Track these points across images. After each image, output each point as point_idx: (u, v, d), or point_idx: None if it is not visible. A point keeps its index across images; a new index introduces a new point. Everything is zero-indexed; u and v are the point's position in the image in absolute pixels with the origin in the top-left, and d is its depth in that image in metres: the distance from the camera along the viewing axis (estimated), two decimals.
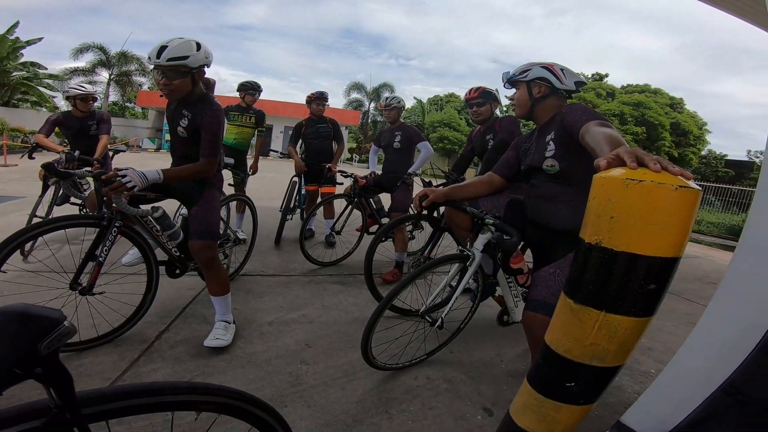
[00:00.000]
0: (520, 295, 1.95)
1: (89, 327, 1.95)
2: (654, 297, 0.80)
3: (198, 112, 1.99)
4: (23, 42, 18.53)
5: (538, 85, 1.78)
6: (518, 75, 1.83)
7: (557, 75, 1.74)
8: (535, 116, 1.84)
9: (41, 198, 3.26)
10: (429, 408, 1.77)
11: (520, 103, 1.86)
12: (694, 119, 22.10)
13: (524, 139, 1.95)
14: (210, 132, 1.98)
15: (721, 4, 3.71)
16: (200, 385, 0.72)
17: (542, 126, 1.82)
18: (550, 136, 1.71)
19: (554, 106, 1.79)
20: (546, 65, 1.77)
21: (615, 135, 1.19)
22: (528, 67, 1.81)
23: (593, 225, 0.80)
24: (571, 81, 1.75)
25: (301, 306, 2.68)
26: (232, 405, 0.74)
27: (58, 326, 0.53)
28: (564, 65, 1.80)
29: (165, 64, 1.85)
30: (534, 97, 1.81)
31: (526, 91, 1.82)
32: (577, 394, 0.95)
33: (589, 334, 0.84)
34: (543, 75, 1.75)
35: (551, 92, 1.77)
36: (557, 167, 1.67)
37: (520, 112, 1.90)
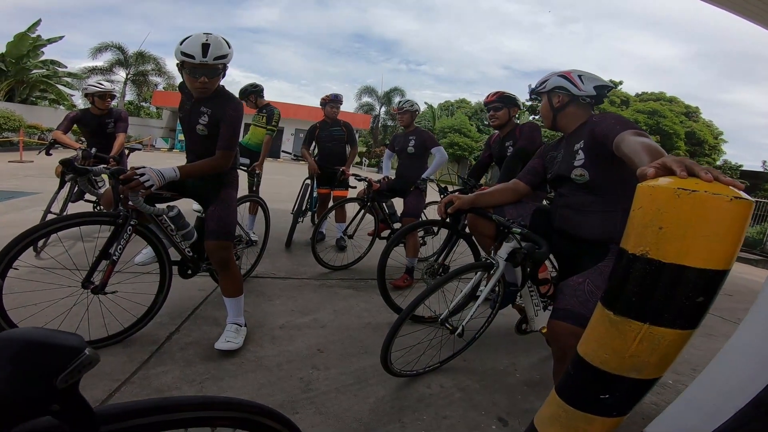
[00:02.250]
0: (541, 305, 1.90)
1: (99, 326, 1.93)
2: (701, 310, 0.75)
3: (218, 107, 1.98)
4: (44, 40, 18.82)
5: (557, 95, 1.77)
6: (538, 86, 1.84)
7: (574, 82, 1.72)
8: (560, 126, 1.82)
9: (57, 194, 3.28)
10: (443, 417, 1.72)
11: (544, 114, 1.87)
12: (709, 128, 21.82)
13: (551, 147, 1.93)
14: (230, 125, 1.97)
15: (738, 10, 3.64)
16: (217, 400, 0.68)
17: (570, 135, 1.78)
18: (579, 145, 1.68)
19: (578, 114, 1.76)
20: (563, 73, 1.76)
21: (653, 145, 1.15)
22: (546, 78, 1.81)
23: (638, 235, 0.76)
24: (590, 86, 1.71)
25: (312, 310, 2.65)
26: (249, 419, 0.70)
27: (79, 355, 0.45)
28: (584, 71, 1.78)
29: (212, 63, 1.84)
30: (555, 107, 1.79)
31: (548, 101, 1.82)
32: (612, 407, 0.91)
33: (629, 346, 0.79)
34: (560, 84, 1.74)
35: (571, 100, 1.75)
36: (586, 177, 1.64)
37: (545, 123, 1.91)
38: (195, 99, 2.03)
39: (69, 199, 3.32)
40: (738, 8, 3.55)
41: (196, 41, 1.82)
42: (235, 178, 2.21)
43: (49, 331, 0.46)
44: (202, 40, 1.82)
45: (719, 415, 1.18)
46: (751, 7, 3.44)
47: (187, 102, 2.08)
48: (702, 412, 1.28)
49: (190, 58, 1.81)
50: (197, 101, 2.02)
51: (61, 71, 20.46)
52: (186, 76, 1.91)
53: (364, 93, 27.83)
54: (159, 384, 1.69)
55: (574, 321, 1.45)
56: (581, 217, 1.67)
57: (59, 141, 3.42)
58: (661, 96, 22.87)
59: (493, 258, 1.80)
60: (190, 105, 2.05)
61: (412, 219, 3.35)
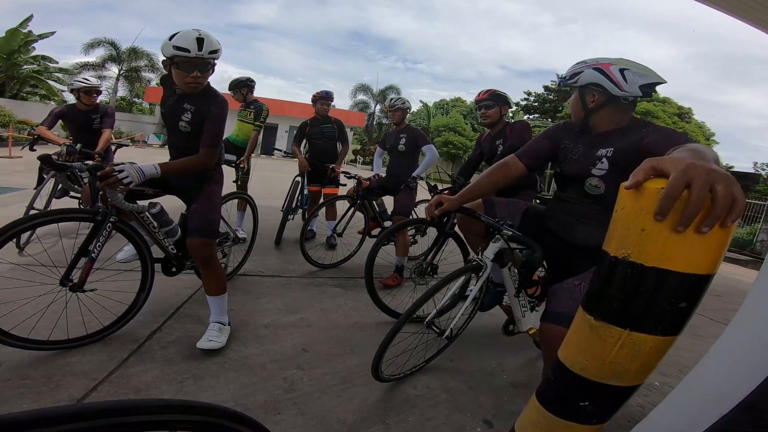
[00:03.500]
0: (528, 306, 1.88)
1: (78, 324, 1.89)
2: (683, 315, 0.73)
3: (203, 104, 1.94)
4: (36, 36, 18.65)
5: (591, 93, 1.49)
6: (568, 79, 1.54)
7: (614, 79, 1.41)
8: (592, 126, 1.56)
9: (39, 190, 3.21)
10: (427, 419, 1.70)
11: (574, 112, 1.61)
12: (701, 129, 21.99)
13: (567, 134, 1.66)
14: (214, 122, 1.93)
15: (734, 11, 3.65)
16: (175, 402, 0.65)
17: (597, 135, 1.54)
18: (606, 152, 1.45)
19: (616, 117, 1.49)
20: (600, 65, 1.44)
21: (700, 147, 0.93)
22: (579, 69, 1.50)
23: (620, 237, 0.73)
24: (635, 85, 1.40)
25: (299, 309, 2.61)
26: (212, 423, 0.67)
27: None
28: (630, 62, 1.44)
29: (207, 57, 1.83)
30: (588, 107, 1.52)
31: (578, 98, 1.54)
32: (591, 414, 0.88)
33: (609, 353, 0.77)
34: (596, 80, 1.44)
35: (609, 100, 1.46)
36: (601, 190, 1.45)
37: (574, 120, 1.65)
38: (178, 95, 1.98)
39: (53, 196, 3.26)
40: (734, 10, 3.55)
41: (189, 36, 1.79)
42: (219, 174, 2.17)
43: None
44: (196, 35, 1.79)
45: (705, 419, 1.17)
46: (747, 9, 3.45)
47: (169, 98, 2.03)
48: (687, 415, 1.26)
49: (185, 51, 1.78)
50: (180, 97, 1.98)
51: (52, 67, 20.30)
52: (176, 71, 1.86)
53: (360, 91, 27.75)
54: (137, 383, 1.66)
55: (568, 324, 1.40)
56: (581, 227, 1.54)
57: (43, 136, 3.36)
58: (655, 96, 23.00)
59: (481, 259, 1.77)
60: (173, 101, 2.00)
61: (403, 217, 3.32)
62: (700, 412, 1.20)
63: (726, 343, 1.31)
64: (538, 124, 21.76)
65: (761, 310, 1.25)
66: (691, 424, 1.20)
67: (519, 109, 25.99)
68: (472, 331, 2.19)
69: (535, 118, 26.25)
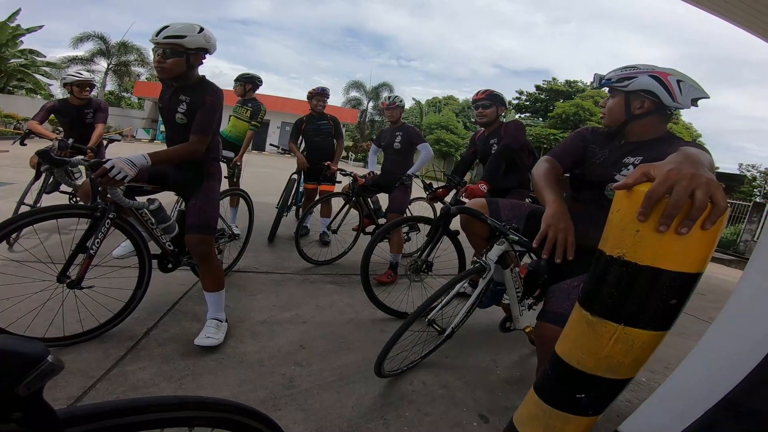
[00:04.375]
0: (526, 305, 1.92)
1: (74, 322, 1.89)
2: (674, 311, 0.77)
3: (197, 95, 1.95)
4: (24, 29, 18.31)
5: (640, 99, 1.44)
6: (616, 81, 1.47)
7: (671, 90, 1.37)
8: (627, 132, 1.52)
9: (31, 185, 3.18)
10: (425, 414, 1.73)
11: (612, 115, 1.53)
12: (688, 130, 22.34)
13: (596, 139, 1.63)
14: (207, 111, 1.93)
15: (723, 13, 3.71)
16: (192, 400, 0.67)
17: (630, 143, 1.51)
18: (635, 160, 1.43)
19: (655, 127, 1.46)
20: (658, 74, 1.39)
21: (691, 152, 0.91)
22: (632, 74, 1.43)
23: (616, 238, 0.77)
24: (688, 98, 1.39)
25: (295, 305, 2.63)
26: (227, 419, 0.69)
27: (41, 363, 0.44)
28: (683, 74, 1.40)
29: (162, 41, 1.85)
30: (632, 113, 1.47)
31: (623, 102, 1.47)
32: (587, 406, 0.92)
33: (604, 347, 0.81)
34: (651, 88, 1.39)
35: (656, 109, 1.42)
36: None
37: (608, 123, 1.57)
38: (175, 87, 1.99)
39: (43, 191, 3.22)
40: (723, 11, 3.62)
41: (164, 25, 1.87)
42: (218, 170, 2.18)
43: (9, 338, 0.45)
44: (168, 24, 1.87)
45: (689, 414, 1.22)
46: (736, 11, 3.51)
47: (166, 92, 2.04)
48: (672, 411, 1.31)
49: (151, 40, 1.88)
50: (176, 90, 1.99)
51: (40, 61, 19.94)
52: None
53: (352, 87, 27.66)
54: (135, 381, 1.66)
55: (563, 324, 1.43)
56: (590, 231, 1.46)
57: (34, 131, 3.32)
58: None
59: (485, 261, 1.80)
60: (170, 94, 2.01)
61: (397, 215, 3.35)
62: (684, 408, 1.25)
63: (709, 342, 1.36)
64: (529, 123, 21.93)
65: (743, 310, 1.31)
66: (676, 420, 1.25)
67: (511, 108, 26.13)
68: (468, 328, 2.22)
69: (527, 118, 26.43)
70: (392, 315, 2.62)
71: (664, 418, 1.34)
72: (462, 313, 1.90)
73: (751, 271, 1.32)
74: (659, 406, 1.40)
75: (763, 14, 3.01)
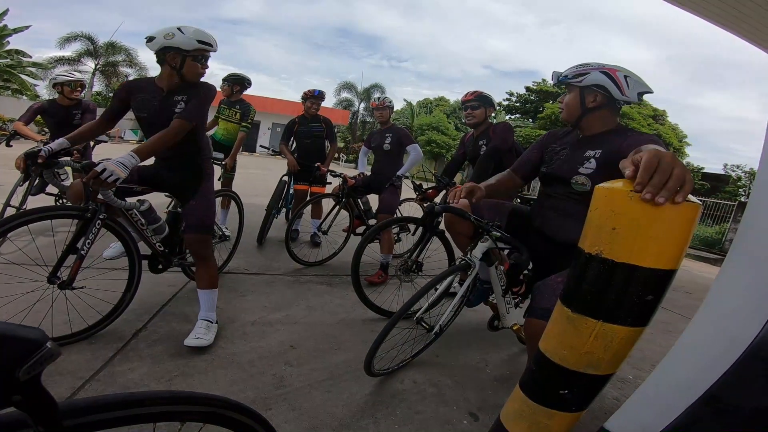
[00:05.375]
0: (513, 302, 1.95)
1: (63, 323, 1.87)
2: (650, 308, 0.80)
3: (193, 91, 1.96)
4: (10, 30, 18.06)
5: (593, 93, 1.57)
6: (571, 78, 1.61)
7: (619, 84, 1.52)
8: (583, 126, 1.66)
9: (17, 186, 3.15)
10: (415, 412, 1.75)
11: (569, 109, 1.67)
12: (675, 131, 22.70)
13: (554, 140, 1.78)
14: (198, 100, 1.93)
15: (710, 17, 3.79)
16: (183, 395, 0.68)
17: (586, 137, 1.64)
18: (595, 153, 1.54)
19: (608, 120, 1.60)
20: (608, 70, 1.54)
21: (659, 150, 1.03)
22: (585, 71, 1.58)
23: (594, 236, 0.80)
24: (635, 92, 1.54)
25: (285, 306, 2.64)
26: (218, 414, 0.70)
27: (41, 348, 0.47)
28: (629, 70, 1.55)
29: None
30: (586, 107, 1.60)
31: (578, 97, 1.61)
32: (571, 402, 0.95)
33: (585, 343, 0.84)
34: (601, 82, 1.54)
35: (608, 103, 1.57)
36: (588, 187, 1.52)
37: (566, 117, 1.71)
38: (167, 92, 1.97)
39: (29, 192, 3.18)
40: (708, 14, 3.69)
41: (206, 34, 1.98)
42: (212, 168, 2.19)
43: (9, 324, 0.47)
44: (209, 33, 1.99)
45: (672, 410, 1.25)
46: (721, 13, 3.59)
47: (152, 99, 1.97)
48: (656, 408, 1.34)
49: (208, 46, 1.98)
50: (169, 93, 1.97)
51: (26, 61, 19.64)
52: (192, 63, 1.95)
53: (344, 89, 27.63)
54: (125, 381, 1.66)
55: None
56: (566, 223, 1.61)
57: (20, 132, 3.28)
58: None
59: (469, 258, 1.83)
60: (161, 99, 1.97)
61: (388, 215, 3.37)
62: (667, 404, 1.28)
63: (689, 339, 1.40)
64: (519, 124, 22.12)
65: (721, 305, 1.35)
66: (660, 415, 1.28)
67: (501, 110, 26.33)
68: (457, 327, 2.26)
69: (517, 119, 26.64)
70: (383, 315, 2.64)
71: (648, 414, 1.37)
72: (449, 311, 1.93)
73: (727, 267, 1.36)
74: (643, 403, 1.43)
75: (747, 16, 3.09)
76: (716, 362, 1.18)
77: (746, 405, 1.11)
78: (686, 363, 1.35)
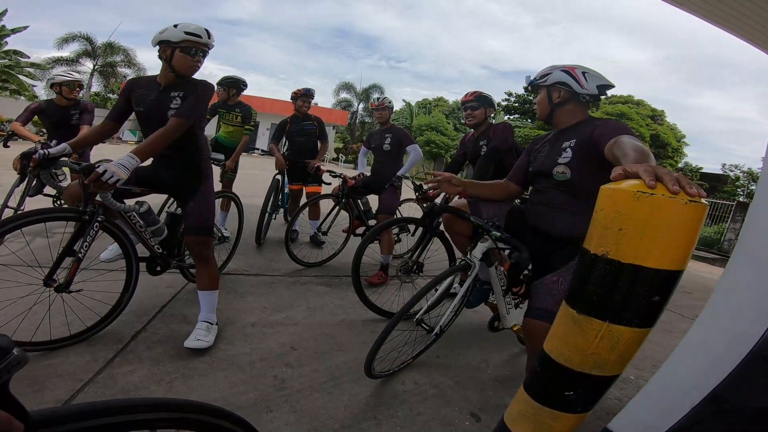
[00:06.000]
0: (513, 303, 1.94)
1: (61, 325, 1.86)
2: (656, 309, 0.79)
3: (190, 88, 1.96)
4: (8, 30, 18.04)
5: (557, 90, 1.74)
6: (538, 79, 1.80)
7: (578, 79, 1.69)
8: (555, 121, 1.80)
9: (15, 187, 3.13)
10: (417, 414, 1.74)
11: (541, 108, 1.84)
12: (673, 131, 22.76)
13: (538, 142, 1.90)
14: (196, 98, 1.92)
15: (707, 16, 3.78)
16: (153, 402, 0.67)
17: (561, 131, 1.77)
18: (570, 143, 1.66)
19: (576, 112, 1.74)
20: (567, 68, 1.72)
21: (644, 149, 1.14)
22: (548, 71, 1.76)
23: (600, 236, 0.79)
24: (593, 84, 1.69)
25: (285, 307, 2.62)
26: (189, 419, 0.69)
27: (7, 355, 0.45)
28: (588, 68, 1.73)
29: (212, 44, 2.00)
30: (554, 103, 1.77)
31: (546, 95, 1.79)
32: (576, 403, 0.94)
33: (590, 344, 0.83)
34: (563, 79, 1.71)
35: (572, 97, 1.73)
36: (567, 175, 1.63)
37: (540, 115, 1.87)
38: (163, 87, 1.97)
39: (27, 193, 3.17)
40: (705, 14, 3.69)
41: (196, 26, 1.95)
42: (210, 169, 2.17)
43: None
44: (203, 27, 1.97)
45: (675, 411, 1.24)
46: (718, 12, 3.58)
47: (148, 95, 1.98)
48: (659, 408, 1.33)
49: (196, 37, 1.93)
50: (165, 89, 1.97)
51: (24, 61, 19.62)
52: (182, 55, 1.93)
53: (343, 89, 27.63)
54: (125, 383, 1.65)
55: (549, 320, 1.45)
56: (556, 215, 1.68)
57: (17, 133, 3.27)
58: (629, 99, 23.69)
59: (469, 259, 1.83)
60: (157, 94, 1.97)
61: (387, 216, 3.36)
62: (671, 405, 1.28)
63: (692, 339, 1.39)
64: (518, 124, 22.14)
65: (725, 306, 1.34)
66: (663, 417, 1.27)
67: (500, 110, 26.35)
68: (458, 327, 2.25)
69: (516, 119, 26.67)
70: (383, 316, 2.63)
71: (651, 416, 1.36)
72: (449, 311, 1.92)
73: (732, 267, 1.36)
74: (647, 404, 1.43)
75: (745, 16, 3.09)
76: (721, 362, 1.18)
77: (751, 405, 1.10)
78: (690, 363, 1.34)
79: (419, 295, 1.81)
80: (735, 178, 21.00)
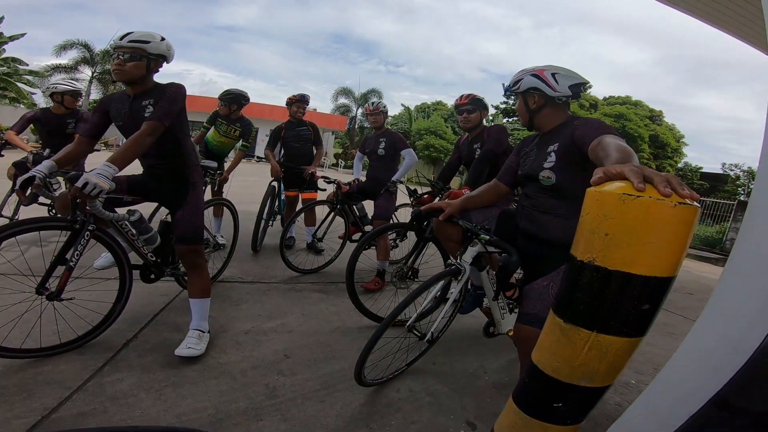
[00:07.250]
0: (507, 308, 1.92)
1: (52, 334, 1.84)
2: (647, 317, 0.76)
3: (159, 93, 1.93)
4: (6, 38, 18.11)
5: (532, 96, 1.70)
6: (512, 86, 1.76)
7: (548, 82, 1.64)
8: (537, 126, 1.76)
9: (9, 197, 3.12)
10: (411, 422, 1.71)
11: (520, 115, 1.81)
12: (672, 132, 22.77)
13: (527, 143, 1.86)
14: (167, 100, 1.89)
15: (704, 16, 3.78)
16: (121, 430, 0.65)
17: (545, 134, 1.73)
18: (553, 147, 1.63)
19: (555, 115, 1.70)
20: (536, 72, 1.67)
21: (627, 148, 1.12)
22: (520, 77, 1.72)
23: (586, 242, 0.76)
24: (565, 85, 1.64)
25: (280, 315, 2.60)
26: None
27: None
28: (559, 67, 1.69)
29: (126, 45, 1.87)
30: (531, 109, 1.73)
31: (523, 102, 1.75)
32: (565, 415, 0.91)
33: (578, 355, 0.80)
34: (534, 84, 1.67)
35: (547, 101, 1.68)
36: (553, 180, 1.60)
37: (522, 123, 1.84)
38: (132, 97, 1.95)
39: (21, 202, 3.15)
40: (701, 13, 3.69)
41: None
42: (200, 177, 2.15)
43: None
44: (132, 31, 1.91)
45: (678, 416, 1.21)
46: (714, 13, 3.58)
47: (122, 108, 1.98)
48: (661, 413, 1.30)
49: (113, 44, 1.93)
50: (136, 97, 1.95)
51: (22, 69, 19.65)
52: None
53: (341, 94, 27.68)
54: (114, 392, 1.63)
55: (539, 325, 1.43)
56: (546, 218, 1.65)
57: (11, 142, 3.26)
58: (627, 100, 23.72)
59: (459, 263, 1.80)
60: (129, 104, 1.96)
61: (383, 221, 3.34)
62: (671, 411, 1.24)
63: (693, 342, 1.36)
64: (516, 127, 22.14)
65: (725, 307, 1.31)
66: (664, 423, 1.24)
67: (498, 113, 26.35)
68: (454, 333, 2.22)
69: (514, 122, 26.67)
70: (378, 322, 2.59)
71: (651, 422, 1.33)
72: (440, 317, 1.89)
73: (731, 268, 1.33)
74: (645, 410, 1.39)
75: (741, 16, 3.08)
76: (723, 366, 1.14)
77: (755, 409, 1.07)
78: (691, 367, 1.31)
79: (407, 301, 1.78)
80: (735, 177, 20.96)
